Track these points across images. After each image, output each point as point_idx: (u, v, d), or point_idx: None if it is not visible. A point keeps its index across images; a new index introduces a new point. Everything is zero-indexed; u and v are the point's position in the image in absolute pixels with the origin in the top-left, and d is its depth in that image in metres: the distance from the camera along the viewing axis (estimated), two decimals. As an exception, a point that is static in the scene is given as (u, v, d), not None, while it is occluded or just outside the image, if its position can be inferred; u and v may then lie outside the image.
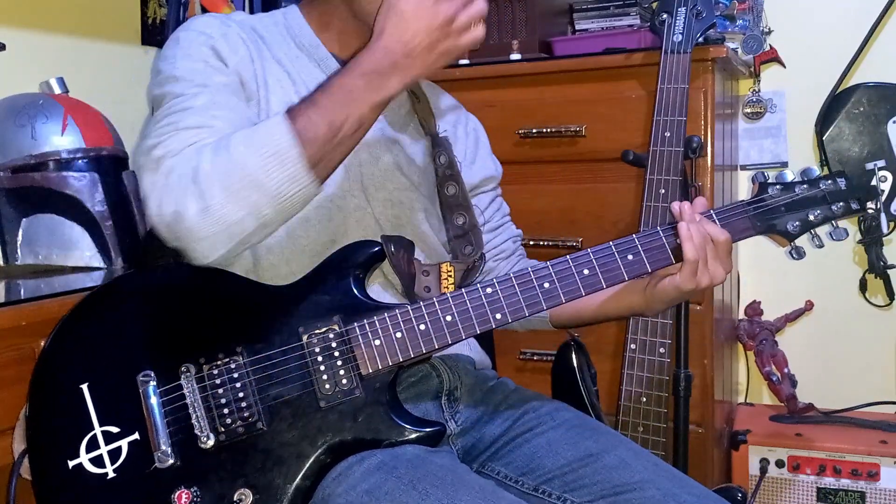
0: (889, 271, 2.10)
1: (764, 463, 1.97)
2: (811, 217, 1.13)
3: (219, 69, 1.13)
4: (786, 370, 2.14)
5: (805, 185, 1.13)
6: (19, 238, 1.54)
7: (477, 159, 1.39)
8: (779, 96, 2.24)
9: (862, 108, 2.10)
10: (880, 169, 2.06)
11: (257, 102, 1.16)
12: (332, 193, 1.16)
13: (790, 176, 1.14)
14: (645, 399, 1.69)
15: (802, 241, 1.14)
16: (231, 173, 1.00)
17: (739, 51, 2.17)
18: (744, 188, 2.28)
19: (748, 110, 2.25)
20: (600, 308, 1.26)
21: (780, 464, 1.96)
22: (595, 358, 1.45)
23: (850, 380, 2.21)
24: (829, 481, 1.93)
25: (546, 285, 1.08)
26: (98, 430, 1.03)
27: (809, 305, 2.20)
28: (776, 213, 1.13)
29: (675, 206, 1.12)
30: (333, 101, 1.02)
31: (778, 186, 1.14)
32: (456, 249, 1.26)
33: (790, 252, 1.15)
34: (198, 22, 1.18)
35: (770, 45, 2.21)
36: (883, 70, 2.13)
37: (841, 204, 1.12)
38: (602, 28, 2.11)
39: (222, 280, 1.11)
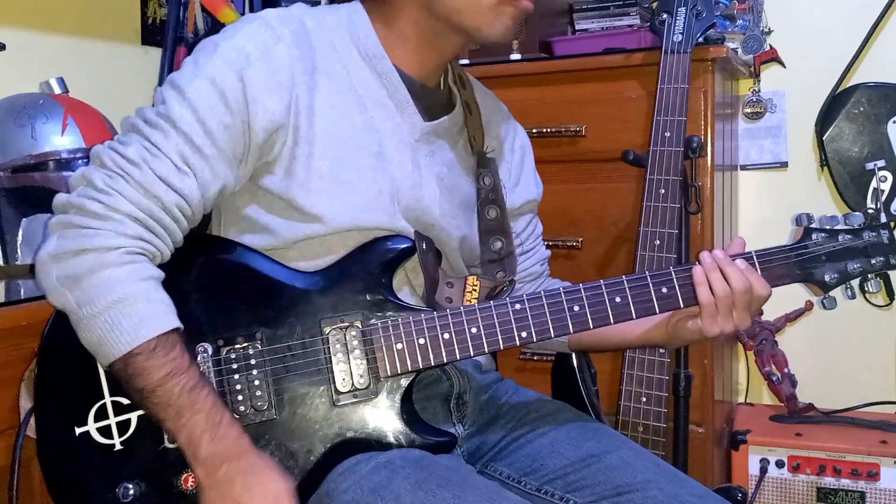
0: (889, 271, 2.11)
1: (764, 463, 1.97)
2: (850, 269, 1.11)
3: (232, 111, 1.00)
4: (786, 370, 2.14)
5: (849, 236, 1.11)
6: (19, 238, 1.53)
7: (521, 182, 1.33)
8: (779, 96, 2.23)
9: (862, 108, 2.10)
10: (880, 169, 2.06)
11: (295, 141, 1.03)
12: (367, 217, 1.08)
13: (837, 222, 1.12)
14: (645, 399, 1.69)
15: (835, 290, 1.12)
16: (98, 300, 0.95)
17: (739, 51, 2.17)
18: (744, 188, 2.28)
19: (748, 110, 2.25)
20: (621, 337, 1.24)
21: (780, 464, 1.96)
22: (595, 358, 1.45)
23: (850, 380, 2.20)
24: (829, 481, 1.93)
25: (576, 308, 1.06)
26: (108, 399, 1.01)
27: (809, 305, 2.20)
28: (817, 262, 1.10)
29: (705, 254, 1.07)
30: (160, 407, 0.96)
31: (823, 234, 1.11)
32: (488, 273, 1.21)
33: (822, 301, 1.13)
34: (244, 34, 1.03)
35: (770, 45, 2.21)
36: (883, 70, 2.13)
37: (881, 259, 1.11)
38: (602, 28, 2.10)
39: (248, 259, 1.07)
